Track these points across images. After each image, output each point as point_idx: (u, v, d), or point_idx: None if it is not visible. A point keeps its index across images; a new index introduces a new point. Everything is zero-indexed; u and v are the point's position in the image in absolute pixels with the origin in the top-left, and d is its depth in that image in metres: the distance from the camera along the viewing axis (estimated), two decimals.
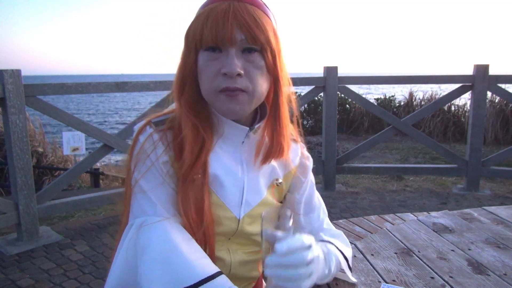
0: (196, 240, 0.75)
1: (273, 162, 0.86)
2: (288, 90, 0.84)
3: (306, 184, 0.94)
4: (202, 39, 0.73)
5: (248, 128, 0.81)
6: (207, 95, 0.77)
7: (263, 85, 0.77)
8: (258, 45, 0.73)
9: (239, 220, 0.82)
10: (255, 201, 0.84)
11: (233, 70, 0.71)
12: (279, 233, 0.66)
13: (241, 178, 0.82)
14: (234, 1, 0.73)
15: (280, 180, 0.88)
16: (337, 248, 0.90)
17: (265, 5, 0.78)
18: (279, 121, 0.83)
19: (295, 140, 0.92)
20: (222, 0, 0.73)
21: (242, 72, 0.73)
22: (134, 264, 0.71)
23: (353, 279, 0.97)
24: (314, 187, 0.98)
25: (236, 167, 0.82)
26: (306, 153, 0.95)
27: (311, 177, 0.96)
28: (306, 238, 0.67)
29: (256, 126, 0.82)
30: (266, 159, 0.84)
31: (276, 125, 0.83)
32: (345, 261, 0.92)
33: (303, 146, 0.95)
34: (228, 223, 0.81)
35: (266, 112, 0.84)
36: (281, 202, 0.94)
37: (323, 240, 0.91)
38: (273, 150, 0.83)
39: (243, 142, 0.82)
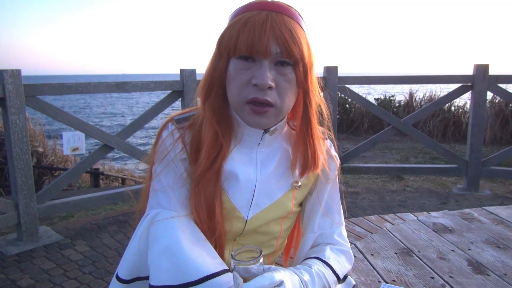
0: (207, 239, 0.77)
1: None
2: (318, 100, 0.83)
3: (326, 185, 0.91)
4: (237, 47, 0.72)
5: (262, 131, 0.81)
6: (234, 103, 0.76)
7: (291, 98, 0.77)
8: (292, 60, 0.73)
9: (246, 220, 0.83)
10: (265, 203, 0.84)
11: (265, 82, 0.71)
12: (252, 269, 0.64)
13: (253, 179, 0.82)
14: (272, 11, 0.72)
15: (300, 183, 0.87)
16: (333, 271, 0.84)
17: (300, 16, 0.78)
18: (311, 134, 0.82)
19: (322, 138, 0.90)
20: (260, 9, 0.72)
21: (273, 85, 0.72)
22: (145, 253, 0.74)
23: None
24: (337, 191, 0.94)
25: (250, 168, 0.82)
26: (333, 153, 0.92)
27: (334, 180, 0.92)
28: (278, 275, 0.66)
29: (272, 128, 0.82)
30: (303, 173, 0.84)
31: (308, 138, 0.82)
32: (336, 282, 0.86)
33: (330, 144, 0.92)
34: (236, 222, 0.83)
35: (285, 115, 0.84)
36: (300, 205, 0.93)
37: (321, 259, 0.85)
38: (308, 164, 0.83)
39: (259, 143, 0.83)
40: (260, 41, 0.70)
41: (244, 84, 0.73)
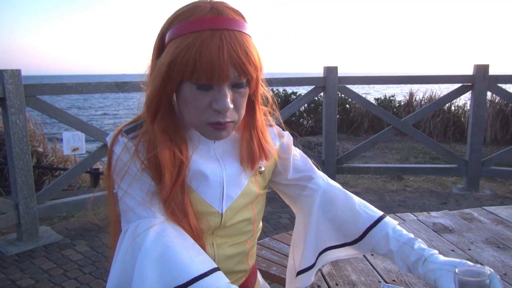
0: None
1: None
2: (263, 91, 0.85)
3: (292, 158, 0.96)
4: (193, 76, 0.70)
5: None
6: (193, 124, 0.77)
7: (245, 107, 0.79)
8: (249, 77, 0.74)
9: (222, 214, 0.83)
10: (236, 193, 0.85)
11: (226, 107, 0.72)
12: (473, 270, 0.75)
13: (219, 173, 0.83)
14: (224, 30, 0.70)
15: (263, 168, 0.89)
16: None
17: (244, 19, 0.75)
18: (256, 125, 0.85)
19: (270, 125, 0.94)
20: (211, 29, 0.69)
21: (232, 106, 0.73)
22: (131, 270, 0.70)
23: None
24: (303, 153, 1.00)
25: (212, 163, 0.83)
26: (282, 132, 0.96)
27: (295, 150, 0.98)
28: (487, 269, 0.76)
29: None
30: (253, 165, 0.86)
31: (254, 130, 0.85)
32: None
33: (278, 128, 0.96)
34: (212, 218, 0.83)
35: None
36: (265, 188, 0.95)
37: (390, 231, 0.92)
38: (255, 156, 0.85)
39: (214, 141, 0.84)
40: (220, 69, 0.69)
41: (203, 108, 0.73)
